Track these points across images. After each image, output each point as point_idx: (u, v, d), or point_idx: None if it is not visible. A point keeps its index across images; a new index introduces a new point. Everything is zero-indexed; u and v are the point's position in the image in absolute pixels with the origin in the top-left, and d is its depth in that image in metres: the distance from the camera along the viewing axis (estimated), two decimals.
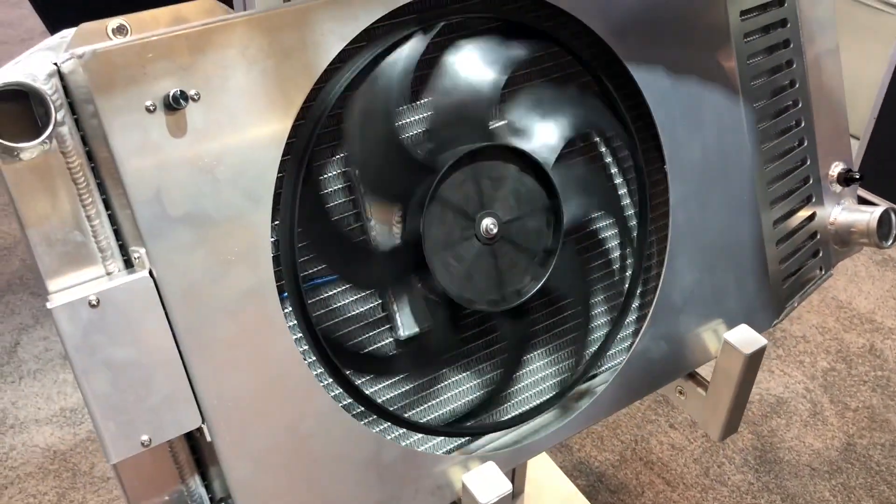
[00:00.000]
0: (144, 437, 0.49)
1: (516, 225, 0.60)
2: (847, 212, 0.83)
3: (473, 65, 0.57)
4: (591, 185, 0.65)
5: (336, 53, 0.51)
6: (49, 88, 0.46)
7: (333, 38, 0.51)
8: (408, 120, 0.57)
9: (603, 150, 0.67)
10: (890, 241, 0.82)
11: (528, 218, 0.60)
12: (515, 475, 1.20)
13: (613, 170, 0.68)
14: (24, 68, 0.47)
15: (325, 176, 0.55)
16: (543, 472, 1.25)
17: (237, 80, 0.49)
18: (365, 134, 0.54)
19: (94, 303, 0.47)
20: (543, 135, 0.60)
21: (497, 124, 0.60)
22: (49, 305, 0.46)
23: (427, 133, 0.58)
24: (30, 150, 0.46)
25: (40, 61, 0.47)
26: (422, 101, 0.57)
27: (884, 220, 0.82)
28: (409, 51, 0.54)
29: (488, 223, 0.58)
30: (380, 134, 0.54)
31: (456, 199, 0.56)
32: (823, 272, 0.84)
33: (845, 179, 0.84)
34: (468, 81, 0.57)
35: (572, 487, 1.24)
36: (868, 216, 0.82)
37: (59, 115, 0.47)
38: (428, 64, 0.57)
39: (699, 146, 0.68)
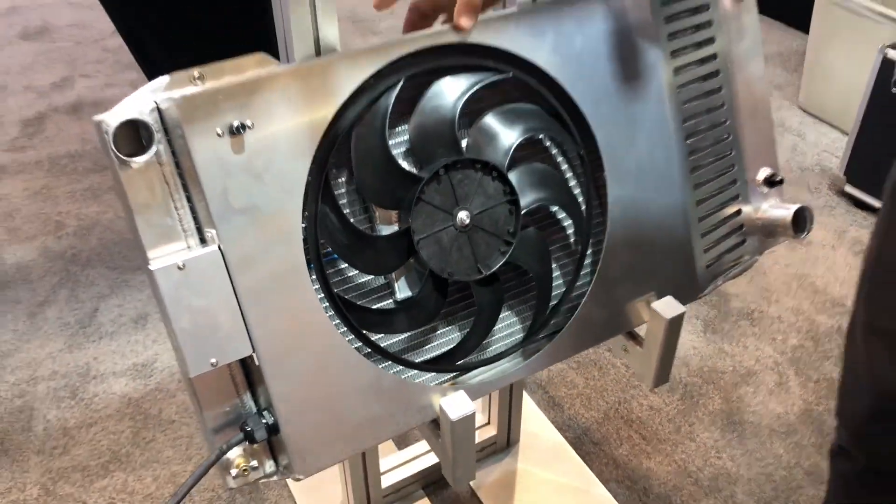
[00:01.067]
0: (213, 360, 0.69)
1: (485, 215, 0.79)
2: (771, 209, 1.01)
3: (442, 97, 0.76)
4: (545, 180, 0.84)
5: (348, 94, 0.71)
6: (152, 120, 0.66)
7: (347, 83, 0.71)
8: (397, 140, 0.76)
9: (555, 152, 0.86)
10: (804, 235, 1.00)
11: (494, 209, 0.79)
12: (511, 427, 1.39)
13: (565, 166, 0.87)
14: (136, 105, 0.67)
15: (340, 180, 0.75)
16: (536, 425, 1.45)
17: (280, 113, 0.68)
18: (365, 154, 0.73)
19: (180, 266, 0.67)
20: (501, 142, 0.79)
21: (464, 140, 0.79)
22: (150, 267, 0.66)
23: (411, 150, 0.77)
24: (138, 161, 0.66)
25: (145, 99, 0.67)
26: (407, 126, 0.77)
27: (798, 217, 0.99)
28: (395, 91, 0.73)
29: (462, 216, 0.77)
30: (376, 154, 0.74)
31: (436, 200, 0.76)
32: (749, 258, 1.02)
33: (770, 182, 1.01)
34: (439, 109, 0.76)
35: (560, 438, 1.43)
36: (786, 212, 0.99)
37: (158, 137, 0.67)
38: (411, 99, 0.76)
39: (633, 157, 0.86)
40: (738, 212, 0.99)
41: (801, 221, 0.99)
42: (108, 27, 2.94)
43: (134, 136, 0.67)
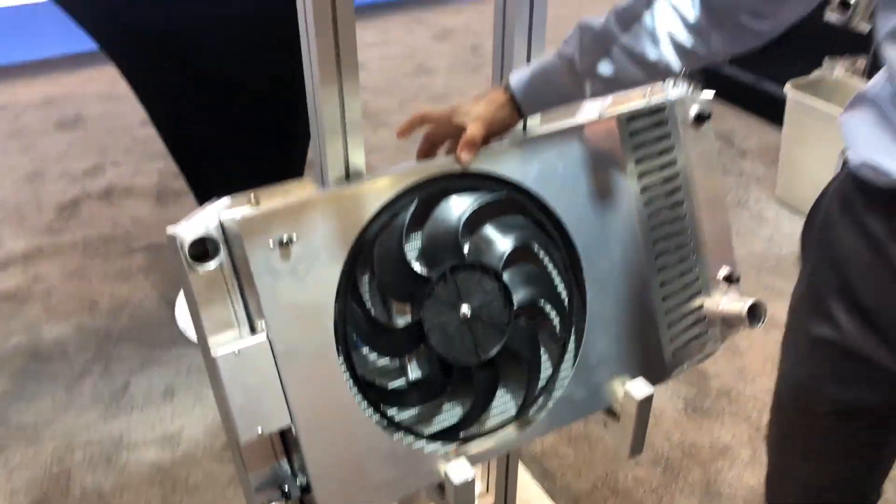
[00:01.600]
0: (259, 429, 0.84)
1: (483, 309, 0.94)
2: (729, 303, 1.16)
3: (448, 213, 0.92)
4: (534, 280, 0.99)
5: (373, 214, 0.87)
6: (217, 235, 0.82)
7: (372, 204, 0.87)
8: (412, 245, 0.92)
9: (543, 256, 1.01)
10: (759, 324, 1.14)
11: (491, 304, 0.95)
12: (507, 496, 1.51)
13: (551, 268, 1.02)
14: (203, 220, 0.83)
15: (364, 279, 0.91)
16: (531, 494, 1.57)
17: (319, 228, 0.84)
18: (386, 260, 0.89)
19: (236, 353, 0.82)
20: (497, 248, 0.95)
21: (466, 246, 0.95)
22: (213, 355, 0.81)
23: (423, 254, 0.93)
24: (206, 268, 0.82)
25: (211, 216, 0.84)
26: (421, 233, 0.93)
27: (753, 310, 1.14)
28: (410, 210, 0.90)
29: (465, 309, 0.93)
30: (395, 260, 0.90)
31: (443, 296, 0.91)
32: (712, 346, 1.17)
33: (728, 280, 1.17)
34: (446, 222, 0.92)
35: None
36: (742, 306, 1.14)
37: (222, 248, 0.83)
38: (423, 213, 0.92)
39: (608, 261, 1.02)
40: (701, 306, 1.14)
41: (755, 314, 1.14)
42: (137, 118, 3.16)
43: (203, 245, 0.83)
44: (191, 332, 2.07)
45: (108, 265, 2.35)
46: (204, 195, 1.93)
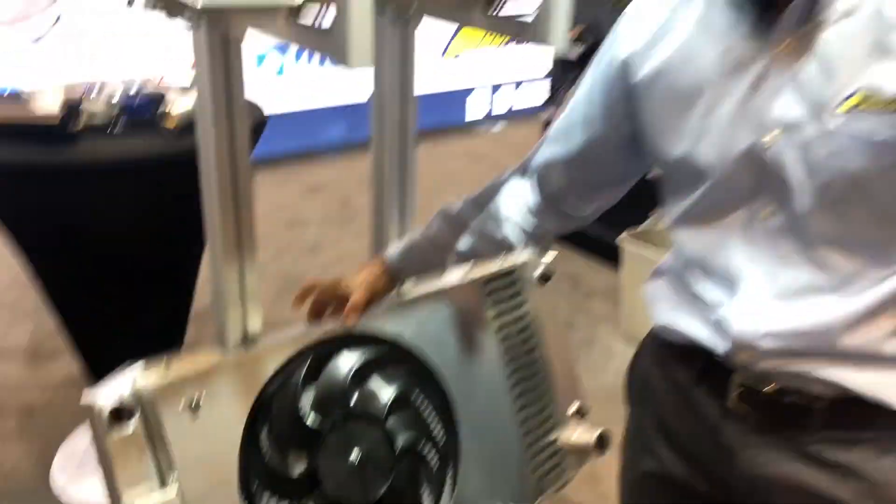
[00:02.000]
0: None
1: (371, 454, 1.06)
2: (581, 434, 1.33)
3: (337, 369, 1.06)
4: (414, 425, 1.13)
5: (270, 374, 1.00)
6: (132, 400, 0.92)
7: (269, 367, 1.00)
8: (307, 396, 1.05)
9: (421, 402, 1.15)
10: (606, 452, 1.31)
11: (377, 449, 1.07)
12: None
13: (429, 412, 1.16)
14: (118, 388, 0.93)
15: (264, 433, 1.02)
16: None
17: (223, 390, 0.96)
18: (282, 415, 1.01)
19: None
20: (381, 398, 1.09)
21: (355, 397, 1.08)
22: None
23: (316, 405, 1.05)
24: (121, 430, 0.91)
25: (125, 383, 0.93)
26: (315, 385, 1.05)
27: (600, 439, 1.31)
28: (303, 369, 1.03)
29: (353, 457, 1.04)
30: (290, 415, 1.01)
31: (334, 444, 1.03)
32: (569, 474, 1.32)
33: (579, 413, 1.35)
34: (336, 377, 1.05)
35: None
36: (591, 436, 1.32)
37: (135, 410, 0.92)
38: (317, 367, 1.05)
39: (476, 404, 1.17)
40: (556, 439, 1.30)
41: (603, 443, 1.31)
42: (3, 283, 3.13)
43: (117, 411, 0.92)
44: (67, 496, 2.04)
45: None
46: (88, 353, 1.97)
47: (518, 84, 6.23)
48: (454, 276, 1.23)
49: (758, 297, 0.97)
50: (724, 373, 1.03)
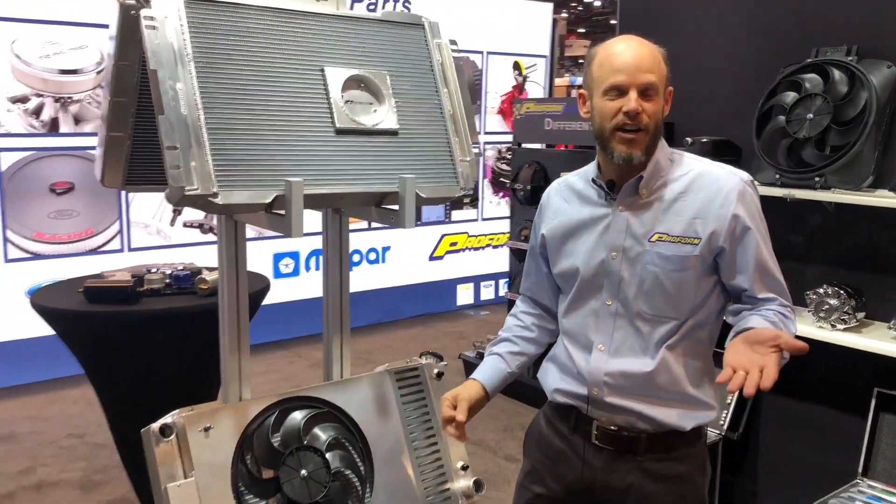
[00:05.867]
0: None
1: (314, 473, 1.65)
2: (464, 480, 1.90)
3: (293, 420, 1.68)
4: (344, 460, 1.72)
5: (251, 418, 1.63)
6: (171, 424, 1.55)
7: (251, 413, 1.63)
8: (272, 436, 1.66)
9: (348, 445, 1.75)
10: (482, 492, 1.88)
11: (319, 470, 1.66)
12: None
13: (355, 455, 1.75)
14: (164, 420, 1.56)
15: (248, 457, 1.62)
16: None
17: (224, 424, 1.58)
18: (259, 445, 1.63)
19: (178, 486, 1.50)
20: (322, 439, 1.69)
21: (308, 436, 1.69)
22: (164, 486, 1.49)
23: (280, 440, 1.66)
24: (165, 440, 1.53)
25: (169, 418, 1.57)
26: (280, 428, 1.67)
27: (476, 484, 1.88)
28: (272, 417, 1.66)
29: (303, 472, 1.64)
30: (264, 445, 1.63)
31: (291, 464, 1.63)
32: None
33: (463, 468, 1.92)
34: (292, 427, 1.67)
35: None
36: (469, 482, 1.88)
37: (173, 431, 1.55)
38: (281, 418, 1.68)
39: (386, 452, 1.77)
40: (448, 488, 1.87)
41: (479, 487, 1.88)
42: (63, 433, 3.74)
43: (164, 429, 1.55)
44: None
45: None
46: (138, 474, 2.56)
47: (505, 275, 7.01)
48: (377, 368, 1.87)
49: (601, 354, 1.59)
50: (587, 422, 1.62)
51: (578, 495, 1.63)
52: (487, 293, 6.61)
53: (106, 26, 4.52)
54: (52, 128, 4.40)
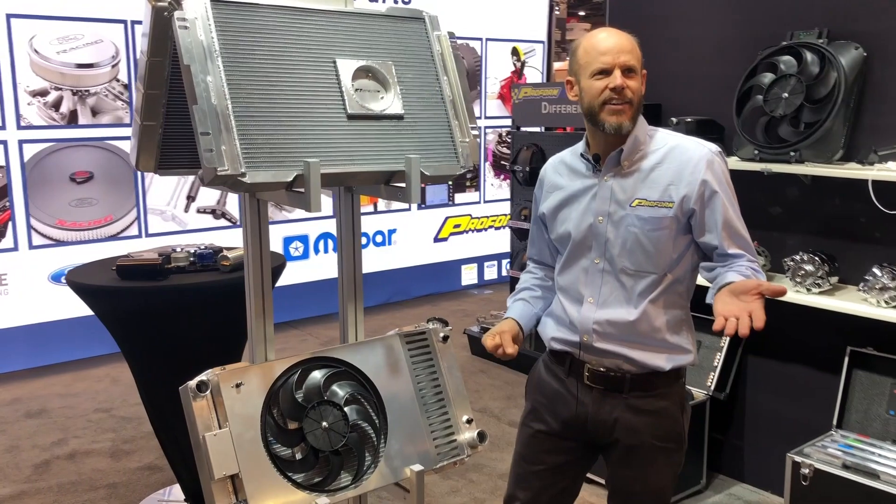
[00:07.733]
0: (222, 472, 1.67)
1: (334, 424, 1.83)
2: (467, 433, 2.07)
3: (314, 378, 1.85)
4: (360, 413, 1.89)
5: (277, 375, 1.80)
6: (207, 380, 1.73)
7: (277, 371, 1.80)
8: (296, 391, 1.84)
9: (365, 403, 1.93)
10: (484, 443, 2.05)
11: (338, 422, 1.84)
12: None
13: (371, 410, 1.93)
14: (200, 378, 1.74)
15: (275, 410, 1.80)
16: None
17: (253, 380, 1.75)
18: (284, 400, 1.80)
19: (214, 435, 1.68)
20: (339, 394, 1.87)
21: (326, 393, 1.86)
22: (201, 435, 1.67)
23: (304, 395, 1.84)
24: (201, 396, 1.71)
25: (205, 376, 1.75)
26: (302, 384, 1.84)
27: (480, 435, 2.05)
28: (296, 375, 1.83)
29: (325, 423, 1.81)
30: (289, 401, 1.81)
31: (313, 416, 1.81)
32: (463, 457, 2.05)
33: (468, 422, 2.10)
34: (313, 382, 1.85)
35: None
36: (473, 433, 2.06)
37: (209, 388, 1.73)
38: (304, 376, 1.85)
39: (399, 407, 1.94)
40: (455, 439, 2.05)
41: (482, 438, 2.06)
42: (91, 407, 3.93)
43: (200, 385, 1.72)
44: None
45: (77, 497, 3.01)
46: (166, 436, 2.74)
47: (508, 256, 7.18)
48: (389, 331, 2.04)
49: (591, 306, 1.77)
50: (580, 365, 1.80)
51: (573, 429, 1.83)
52: (490, 273, 6.79)
53: (120, 21, 4.69)
54: (71, 120, 4.57)
